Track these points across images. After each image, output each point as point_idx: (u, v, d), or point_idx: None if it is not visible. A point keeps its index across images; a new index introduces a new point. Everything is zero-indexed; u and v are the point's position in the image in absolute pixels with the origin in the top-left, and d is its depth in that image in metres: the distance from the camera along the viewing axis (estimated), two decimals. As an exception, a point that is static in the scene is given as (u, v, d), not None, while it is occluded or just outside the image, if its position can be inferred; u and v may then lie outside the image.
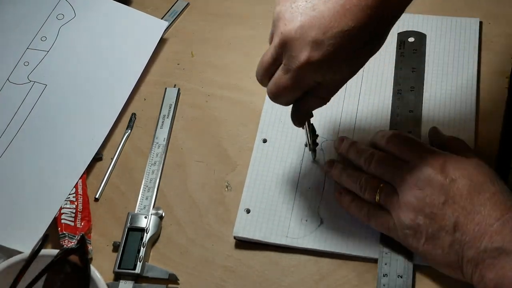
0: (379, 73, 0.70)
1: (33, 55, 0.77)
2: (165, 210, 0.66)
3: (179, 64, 0.77)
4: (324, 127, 0.68)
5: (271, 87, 0.54)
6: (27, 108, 0.73)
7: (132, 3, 0.83)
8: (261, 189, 0.65)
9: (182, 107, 0.73)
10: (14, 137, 0.71)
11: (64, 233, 0.64)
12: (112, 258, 0.63)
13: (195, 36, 0.80)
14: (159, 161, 0.69)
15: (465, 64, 0.69)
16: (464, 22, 0.72)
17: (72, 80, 0.75)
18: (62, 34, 0.78)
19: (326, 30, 0.49)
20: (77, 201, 0.66)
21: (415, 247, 0.55)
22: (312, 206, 0.63)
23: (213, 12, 0.81)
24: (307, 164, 0.66)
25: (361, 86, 0.70)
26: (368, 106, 0.68)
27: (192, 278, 0.62)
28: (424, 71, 0.69)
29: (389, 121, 0.67)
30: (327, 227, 0.61)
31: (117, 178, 0.69)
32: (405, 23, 0.73)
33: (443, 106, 0.67)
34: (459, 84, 0.68)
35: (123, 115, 0.74)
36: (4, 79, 0.75)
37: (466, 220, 0.52)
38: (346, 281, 0.59)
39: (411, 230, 0.55)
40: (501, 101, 0.67)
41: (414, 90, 0.68)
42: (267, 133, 0.68)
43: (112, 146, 0.72)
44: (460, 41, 0.71)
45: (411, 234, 0.55)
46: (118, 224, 0.65)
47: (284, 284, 0.60)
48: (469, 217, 0.52)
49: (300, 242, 0.61)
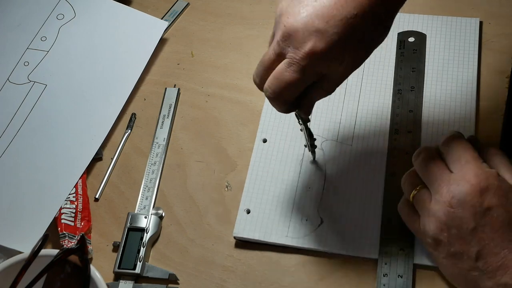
0: (379, 73, 0.70)
1: (33, 55, 0.77)
2: (165, 210, 0.66)
3: (179, 64, 0.77)
4: (324, 127, 0.68)
5: (272, 84, 0.52)
6: (27, 108, 0.73)
7: (132, 3, 0.83)
8: (261, 190, 0.65)
9: (182, 107, 0.73)
10: (14, 137, 0.71)
11: (64, 233, 0.64)
12: (112, 258, 0.63)
13: (195, 36, 0.80)
14: (159, 161, 0.69)
15: (465, 64, 0.69)
16: (465, 22, 0.72)
17: (72, 80, 0.75)
18: (62, 34, 0.78)
19: (329, 18, 0.48)
20: (77, 201, 0.66)
21: (435, 257, 0.55)
22: (312, 206, 0.63)
23: (213, 12, 0.81)
24: (307, 164, 0.66)
25: (361, 86, 0.70)
26: (368, 106, 0.68)
27: (192, 278, 0.62)
28: (424, 71, 0.69)
29: (389, 121, 0.67)
30: (327, 227, 0.61)
31: (117, 178, 0.69)
32: (405, 23, 0.73)
33: (443, 106, 0.67)
34: (459, 84, 0.68)
35: (123, 115, 0.74)
36: (4, 79, 0.75)
37: (491, 253, 0.51)
38: (346, 281, 0.59)
39: (434, 241, 0.54)
40: (501, 101, 0.67)
41: (414, 90, 0.68)
42: (267, 133, 0.68)
43: (112, 146, 0.72)
44: (460, 41, 0.71)
45: (432, 245, 0.54)
46: (118, 224, 0.65)
47: (284, 284, 0.60)
48: (495, 250, 0.51)
49: (300, 242, 0.61)
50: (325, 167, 0.65)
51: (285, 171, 0.65)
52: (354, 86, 0.70)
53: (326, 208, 0.62)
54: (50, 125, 0.72)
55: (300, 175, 0.65)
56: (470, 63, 0.69)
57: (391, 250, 0.59)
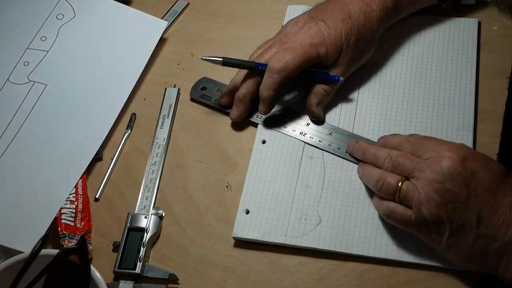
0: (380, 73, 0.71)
1: (33, 55, 0.77)
2: (165, 210, 0.66)
3: (179, 64, 0.77)
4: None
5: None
6: (27, 108, 0.73)
7: (132, 3, 0.83)
8: (260, 190, 0.65)
9: (182, 107, 0.73)
10: (14, 137, 0.71)
11: (64, 233, 0.64)
12: (112, 258, 0.63)
13: (195, 36, 0.80)
14: (159, 161, 0.69)
15: (463, 64, 0.69)
16: (463, 23, 0.72)
17: (72, 80, 0.75)
18: (62, 34, 0.78)
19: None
20: (77, 201, 0.66)
21: (438, 242, 0.55)
22: (311, 205, 0.63)
23: (213, 12, 0.81)
24: (306, 163, 0.66)
25: (359, 88, 0.70)
26: (368, 106, 0.69)
27: (192, 278, 0.62)
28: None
29: (388, 121, 0.67)
30: (326, 225, 0.61)
31: (117, 178, 0.69)
32: (405, 23, 0.73)
33: (442, 106, 0.67)
34: (458, 84, 0.68)
35: (123, 115, 0.74)
36: (4, 79, 0.75)
37: (489, 212, 0.52)
38: (346, 281, 0.59)
39: (434, 225, 0.54)
40: (501, 101, 0.67)
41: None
42: (266, 135, 0.68)
43: (112, 146, 0.72)
44: (459, 41, 0.71)
45: (433, 230, 0.54)
46: (118, 224, 0.65)
47: (284, 284, 0.60)
48: (492, 209, 0.52)
49: (299, 241, 0.61)
50: (324, 166, 0.65)
51: (284, 171, 0.65)
52: (351, 89, 0.70)
53: (325, 207, 0.63)
54: (50, 125, 0.72)
55: (299, 175, 0.65)
56: (469, 63, 0.69)
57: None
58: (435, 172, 0.54)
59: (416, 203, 0.55)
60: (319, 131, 0.67)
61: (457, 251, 0.54)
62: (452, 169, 0.53)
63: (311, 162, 0.66)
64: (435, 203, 0.53)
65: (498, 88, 0.68)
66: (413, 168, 0.56)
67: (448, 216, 0.53)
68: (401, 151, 0.58)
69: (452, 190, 0.53)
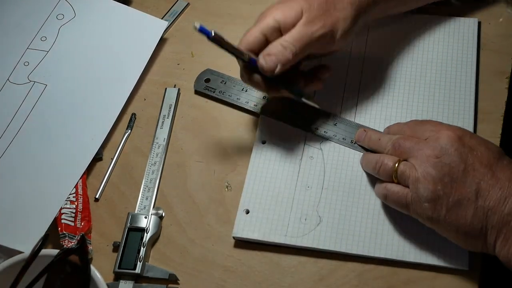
0: (379, 72, 0.71)
1: (33, 55, 0.77)
2: (165, 210, 0.66)
3: (179, 64, 0.77)
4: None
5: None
6: (27, 108, 0.73)
7: (132, 3, 0.83)
8: (260, 191, 0.65)
9: (182, 107, 0.73)
10: (14, 137, 0.71)
11: (64, 233, 0.64)
12: (112, 258, 0.63)
13: (195, 36, 0.79)
14: (159, 161, 0.69)
15: (463, 64, 0.69)
16: (463, 23, 0.72)
17: (72, 80, 0.75)
18: (62, 34, 0.78)
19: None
20: (77, 201, 0.66)
21: (436, 220, 0.55)
22: (311, 205, 0.63)
23: (213, 12, 0.81)
24: (305, 163, 0.66)
25: (359, 85, 0.70)
26: (368, 106, 0.69)
27: (192, 278, 0.62)
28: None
29: (388, 121, 0.67)
30: (326, 225, 0.61)
31: (117, 178, 0.69)
32: (405, 23, 0.73)
33: (442, 106, 0.67)
34: (458, 84, 0.68)
35: (123, 115, 0.74)
36: (4, 79, 0.75)
37: (487, 186, 0.53)
38: (346, 281, 0.59)
39: (431, 202, 0.54)
40: (501, 101, 0.67)
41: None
42: (266, 135, 0.68)
43: (112, 146, 0.72)
44: (459, 41, 0.71)
45: (431, 207, 0.54)
46: (118, 224, 0.65)
47: (284, 284, 0.60)
48: (490, 182, 0.53)
49: (299, 241, 0.61)
50: (324, 166, 0.65)
51: (284, 171, 0.65)
52: (353, 86, 0.70)
53: (325, 207, 0.63)
54: (50, 125, 0.72)
55: (299, 175, 0.65)
56: (468, 63, 0.69)
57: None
58: (433, 148, 0.55)
59: (413, 181, 0.55)
60: (324, 122, 0.67)
61: (456, 228, 0.54)
62: (449, 144, 0.54)
63: (311, 162, 0.66)
64: (432, 178, 0.54)
65: (498, 88, 0.68)
66: (412, 148, 0.57)
67: (445, 192, 0.53)
68: (401, 135, 0.60)
69: (449, 165, 0.54)
